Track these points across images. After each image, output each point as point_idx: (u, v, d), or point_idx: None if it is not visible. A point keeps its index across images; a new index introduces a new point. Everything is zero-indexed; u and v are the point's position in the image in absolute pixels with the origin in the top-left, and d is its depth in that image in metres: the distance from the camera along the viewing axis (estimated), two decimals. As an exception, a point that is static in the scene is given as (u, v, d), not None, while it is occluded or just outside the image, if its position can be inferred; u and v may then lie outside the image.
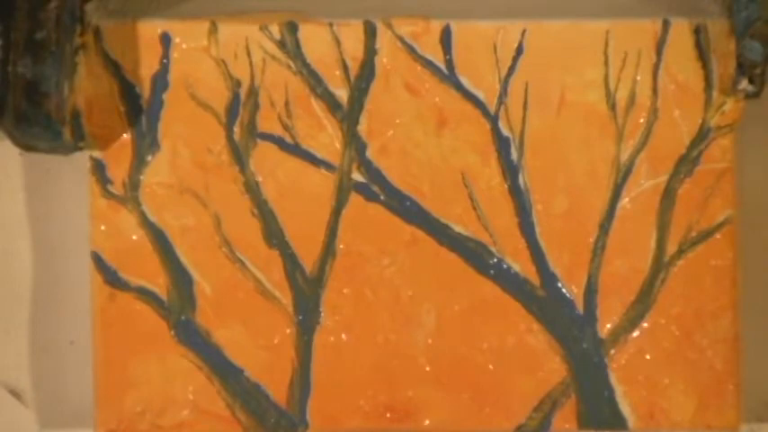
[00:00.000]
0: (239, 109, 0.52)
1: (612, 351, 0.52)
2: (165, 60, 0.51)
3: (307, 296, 0.52)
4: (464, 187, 0.52)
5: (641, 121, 0.51)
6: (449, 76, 0.51)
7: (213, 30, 0.51)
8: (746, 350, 0.52)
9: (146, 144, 0.52)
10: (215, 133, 0.52)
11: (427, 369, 0.52)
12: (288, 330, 0.52)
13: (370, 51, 0.52)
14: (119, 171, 0.52)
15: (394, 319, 0.52)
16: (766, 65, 0.49)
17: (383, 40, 0.51)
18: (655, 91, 0.51)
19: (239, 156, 0.52)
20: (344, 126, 0.52)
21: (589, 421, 0.51)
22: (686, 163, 0.51)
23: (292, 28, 0.51)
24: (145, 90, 0.51)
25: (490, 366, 0.51)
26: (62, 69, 0.48)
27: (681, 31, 0.51)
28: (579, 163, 0.51)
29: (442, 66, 0.51)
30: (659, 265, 0.51)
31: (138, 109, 0.52)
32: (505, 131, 0.52)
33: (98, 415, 0.52)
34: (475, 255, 0.52)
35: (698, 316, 0.51)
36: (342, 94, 0.52)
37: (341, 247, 0.52)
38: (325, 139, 0.52)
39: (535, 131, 0.51)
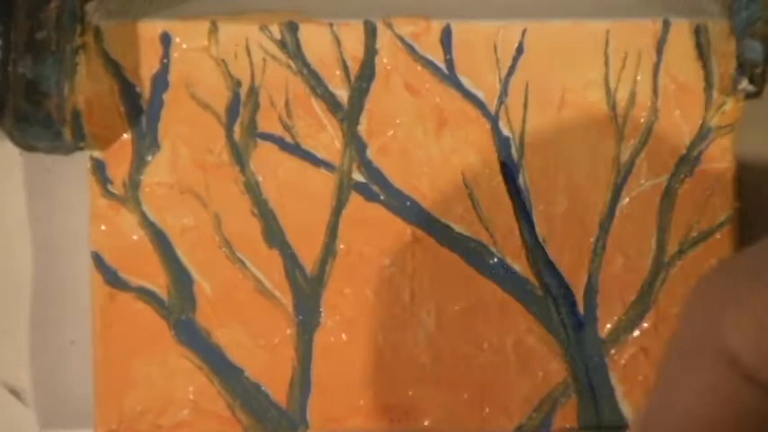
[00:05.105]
0: (239, 109, 0.52)
1: (612, 351, 0.52)
2: (165, 60, 0.51)
3: (307, 296, 0.52)
4: (464, 187, 0.52)
5: (641, 121, 0.51)
6: (449, 76, 0.51)
7: (213, 30, 0.51)
8: (746, 350, 0.52)
9: (146, 144, 0.51)
10: (215, 133, 0.52)
11: (427, 369, 0.51)
12: (288, 330, 0.52)
13: (371, 51, 0.51)
14: (119, 171, 0.52)
15: (394, 319, 0.52)
16: (766, 65, 0.49)
17: (383, 40, 0.51)
18: (655, 91, 0.51)
19: (239, 156, 0.52)
20: (345, 126, 0.52)
21: (589, 421, 0.51)
22: (686, 163, 0.51)
23: (292, 28, 0.51)
24: (145, 90, 0.51)
25: (490, 366, 0.51)
26: (62, 69, 0.48)
27: (681, 31, 0.51)
28: (579, 163, 0.51)
29: (443, 66, 0.51)
30: (659, 265, 0.51)
31: (138, 109, 0.51)
32: (505, 131, 0.52)
33: (98, 415, 0.51)
34: (475, 255, 0.52)
35: (698, 316, 0.51)
36: (342, 94, 0.52)
37: (341, 247, 0.52)
38: (326, 139, 0.52)
39: (535, 131, 0.51)
